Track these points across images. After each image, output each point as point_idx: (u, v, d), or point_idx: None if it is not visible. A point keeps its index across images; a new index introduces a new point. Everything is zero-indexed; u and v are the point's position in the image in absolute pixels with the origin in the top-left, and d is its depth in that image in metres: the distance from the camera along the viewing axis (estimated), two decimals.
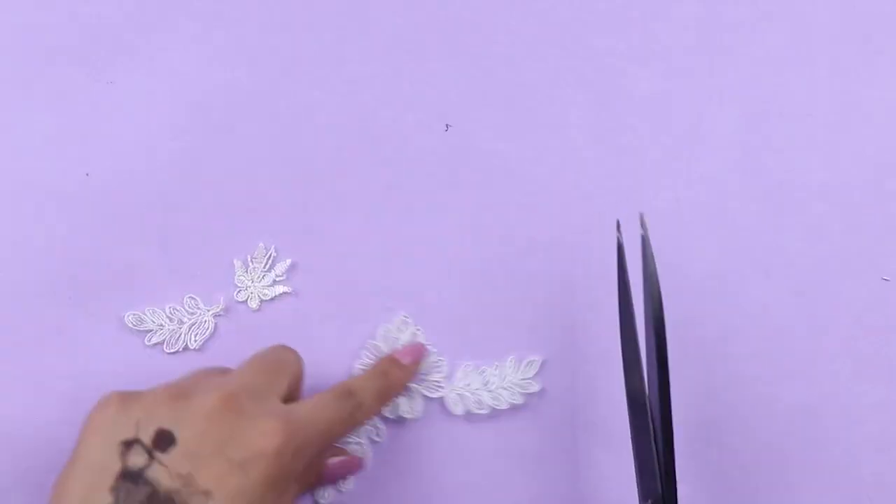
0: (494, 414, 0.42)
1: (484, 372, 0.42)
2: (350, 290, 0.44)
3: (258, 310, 0.43)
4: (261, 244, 0.44)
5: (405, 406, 0.41)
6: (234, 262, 0.44)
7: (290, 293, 0.43)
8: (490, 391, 0.42)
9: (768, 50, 0.48)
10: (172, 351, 0.42)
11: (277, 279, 0.44)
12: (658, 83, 0.47)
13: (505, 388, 0.42)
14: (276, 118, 0.47)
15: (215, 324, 0.43)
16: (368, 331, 0.43)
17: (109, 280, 0.43)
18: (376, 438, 0.41)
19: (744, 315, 0.43)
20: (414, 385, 0.42)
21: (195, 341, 0.42)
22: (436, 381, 0.42)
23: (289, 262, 0.44)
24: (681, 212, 0.45)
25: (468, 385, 0.42)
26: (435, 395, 0.42)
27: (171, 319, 0.43)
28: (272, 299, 0.43)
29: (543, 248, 0.44)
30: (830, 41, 0.48)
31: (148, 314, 0.43)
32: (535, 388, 0.42)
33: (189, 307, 0.43)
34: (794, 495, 0.41)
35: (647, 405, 0.32)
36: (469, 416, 0.42)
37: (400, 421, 0.42)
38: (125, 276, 0.44)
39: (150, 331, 0.42)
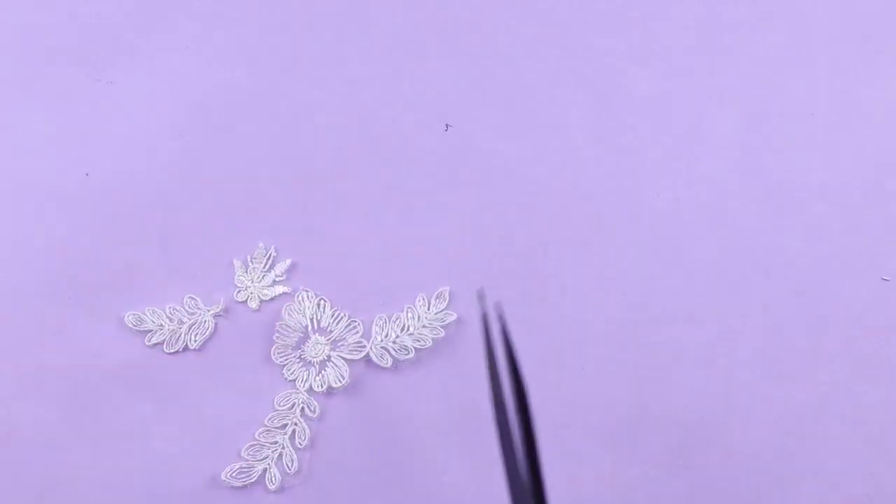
0: (417, 361, 0.42)
1: (399, 318, 0.42)
2: (350, 290, 0.44)
3: (258, 310, 0.43)
4: (261, 244, 0.44)
5: (332, 376, 0.41)
6: (234, 262, 0.44)
7: (289, 293, 0.43)
8: (411, 334, 0.42)
9: (768, 50, 0.48)
10: (172, 351, 0.42)
11: (277, 279, 0.44)
12: (658, 83, 0.47)
13: (425, 327, 0.42)
14: (276, 118, 0.47)
15: (215, 324, 0.43)
16: (368, 330, 0.43)
17: (109, 280, 0.43)
18: (311, 414, 0.41)
19: (744, 315, 0.43)
20: (335, 353, 0.42)
21: (195, 341, 0.42)
22: (356, 343, 0.42)
23: (289, 262, 0.44)
24: (681, 212, 0.45)
25: (388, 336, 0.42)
26: (359, 357, 0.42)
27: (171, 319, 0.43)
28: (272, 299, 0.43)
29: (543, 248, 0.44)
30: (830, 41, 0.48)
31: (148, 314, 0.43)
32: (452, 317, 0.42)
33: (189, 307, 0.43)
34: (795, 495, 0.41)
35: (526, 491, 0.30)
36: (396, 369, 0.42)
37: (330, 393, 0.42)
38: (125, 276, 0.44)
39: (150, 331, 0.42)
